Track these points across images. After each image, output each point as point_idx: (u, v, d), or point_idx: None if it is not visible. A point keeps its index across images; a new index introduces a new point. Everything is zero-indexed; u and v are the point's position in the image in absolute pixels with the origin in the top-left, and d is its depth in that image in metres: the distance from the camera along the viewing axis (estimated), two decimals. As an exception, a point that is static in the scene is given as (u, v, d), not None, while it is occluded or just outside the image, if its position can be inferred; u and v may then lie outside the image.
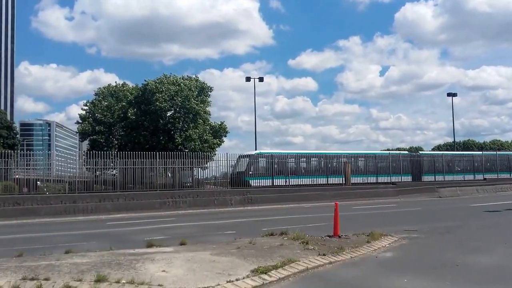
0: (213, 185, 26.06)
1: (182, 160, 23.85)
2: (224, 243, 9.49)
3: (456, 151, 50.36)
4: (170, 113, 39.45)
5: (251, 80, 42.58)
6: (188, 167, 24.84)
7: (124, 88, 42.07)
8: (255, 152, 28.16)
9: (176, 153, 24.08)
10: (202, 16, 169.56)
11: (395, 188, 28.65)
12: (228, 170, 25.53)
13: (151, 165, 22.88)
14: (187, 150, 32.31)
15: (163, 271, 6.74)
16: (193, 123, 39.22)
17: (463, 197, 28.49)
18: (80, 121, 41.39)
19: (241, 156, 27.36)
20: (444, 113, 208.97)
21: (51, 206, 19.36)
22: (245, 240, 9.50)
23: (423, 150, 64.22)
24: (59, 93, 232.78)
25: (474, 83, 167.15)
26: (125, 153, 22.82)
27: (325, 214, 15.12)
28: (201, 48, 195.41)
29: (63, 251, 8.36)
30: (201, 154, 26.68)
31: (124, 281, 6.11)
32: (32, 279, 6.17)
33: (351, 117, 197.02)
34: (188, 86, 39.46)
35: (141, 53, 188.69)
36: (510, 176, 35.98)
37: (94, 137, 39.65)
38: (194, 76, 42.42)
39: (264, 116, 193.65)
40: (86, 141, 43.05)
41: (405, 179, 30.59)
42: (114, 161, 23.02)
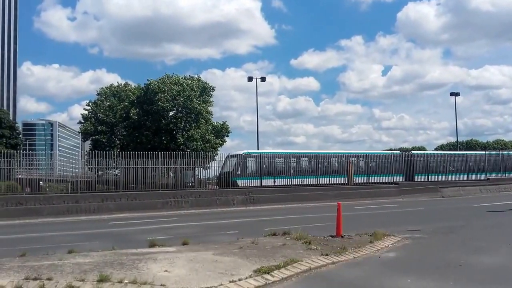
0: (215, 185, 26.07)
1: (184, 160, 23.89)
2: (226, 243, 9.47)
3: (459, 150, 50.23)
4: (172, 113, 39.54)
5: (253, 80, 42.61)
6: (190, 167, 24.86)
7: (126, 88, 42.19)
8: (242, 152, 27.47)
9: (178, 153, 24.14)
10: (204, 16, 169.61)
11: (397, 188, 28.60)
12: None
13: (153, 165, 22.93)
14: (189, 150, 32.32)
15: (166, 271, 6.72)
16: (195, 123, 39.28)
17: (466, 197, 28.41)
18: (82, 121, 41.58)
19: (228, 156, 27.07)
20: (447, 113, 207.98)
21: (54, 206, 19.42)
22: (247, 240, 9.48)
23: (426, 150, 64.05)
24: (61, 93, 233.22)
25: (477, 82, 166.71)
26: (127, 153, 22.88)
27: (327, 214, 15.12)
28: (203, 48, 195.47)
29: (65, 251, 8.37)
30: (203, 154, 26.67)
31: (127, 281, 6.10)
32: (35, 279, 6.17)
33: (354, 117, 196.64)
34: (190, 86, 39.54)
35: (143, 53, 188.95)
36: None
37: (96, 137, 39.80)
38: (196, 76, 42.65)
39: (266, 116, 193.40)
40: (88, 141, 43.20)
41: (397, 179, 30.02)
42: (116, 161, 23.07)
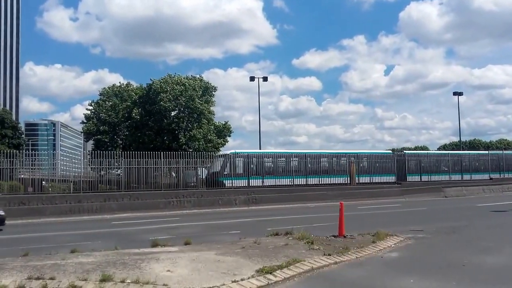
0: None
1: (186, 160, 23.89)
2: (228, 243, 9.47)
3: (462, 150, 50.08)
4: (174, 113, 39.60)
5: (255, 79, 42.61)
6: (192, 167, 24.85)
7: (129, 88, 42.25)
8: (230, 152, 26.97)
9: (180, 153, 24.14)
10: (206, 15, 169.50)
11: (400, 187, 28.52)
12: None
13: (155, 164, 22.95)
14: (191, 150, 32.34)
15: (168, 270, 6.73)
16: (197, 123, 39.33)
17: (469, 197, 28.33)
18: (84, 121, 41.66)
19: (216, 156, 26.65)
20: (449, 113, 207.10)
21: (56, 205, 19.46)
22: (249, 240, 9.48)
23: (428, 150, 63.98)
24: (63, 93, 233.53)
25: (480, 82, 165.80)
26: (129, 153, 22.92)
27: (329, 214, 15.10)
28: (205, 48, 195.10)
29: (68, 251, 8.39)
30: (205, 154, 26.67)
31: (129, 280, 6.10)
32: (38, 278, 6.18)
33: (356, 117, 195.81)
34: (192, 86, 39.58)
35: (145, 53, 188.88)
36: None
37: (99, 137, 39.86)
38: (198, 76, 42.71)
39: (268, 116, 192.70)
40: (91, 141, 43.32)
41: (389, 179, 29.47)
42: (118, 161, 23.10)
